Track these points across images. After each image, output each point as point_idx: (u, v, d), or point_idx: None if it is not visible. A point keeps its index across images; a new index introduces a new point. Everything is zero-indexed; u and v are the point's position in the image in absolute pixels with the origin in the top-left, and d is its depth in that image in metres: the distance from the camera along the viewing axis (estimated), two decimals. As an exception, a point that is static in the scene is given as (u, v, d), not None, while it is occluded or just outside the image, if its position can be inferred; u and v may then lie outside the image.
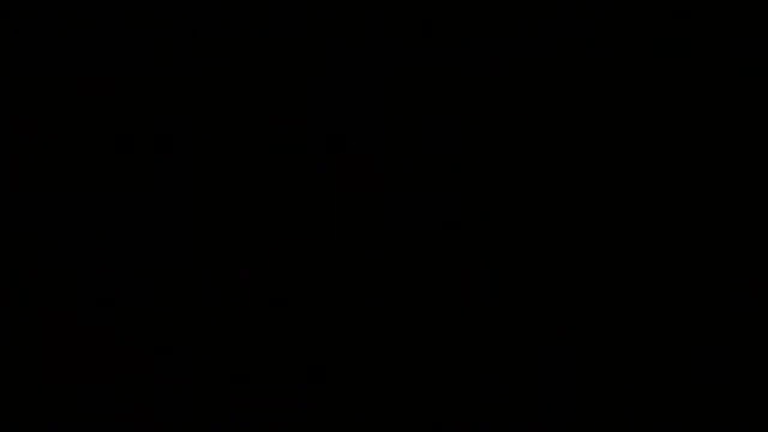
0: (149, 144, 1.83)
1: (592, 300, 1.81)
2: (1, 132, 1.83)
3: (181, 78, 1.85)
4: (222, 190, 1.83)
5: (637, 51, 1.84)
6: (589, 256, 1.82)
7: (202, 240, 1.82)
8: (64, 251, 1.80)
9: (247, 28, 1.85)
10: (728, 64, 1.84)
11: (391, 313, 1.80)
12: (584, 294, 1.81)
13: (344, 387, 1.78)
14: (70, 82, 1.84)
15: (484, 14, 1.85)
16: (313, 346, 1.79)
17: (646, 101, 1.84)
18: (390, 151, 1.84)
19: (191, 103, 1.84)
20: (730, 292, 1.80)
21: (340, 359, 1.79)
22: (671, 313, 1.80)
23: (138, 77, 1.84)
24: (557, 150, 1.84)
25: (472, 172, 1.83)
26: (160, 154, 1.83)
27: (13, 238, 1.80)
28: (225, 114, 1.85)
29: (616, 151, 1.84)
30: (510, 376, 1.78)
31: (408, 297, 1.80)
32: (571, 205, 1.83)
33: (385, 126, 1.84)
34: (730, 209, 1.81)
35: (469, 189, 1.83)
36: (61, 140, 1.83)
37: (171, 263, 1.81)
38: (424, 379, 1.78)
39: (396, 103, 1.85)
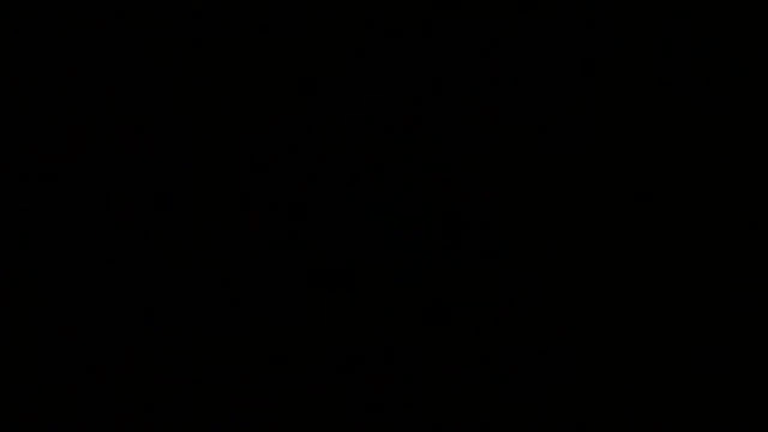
0: (149, 145, 1.83)
1: (593, 300, 1.81)
2: (1, 132, 1.83)
3: (181, 78, 1.85)
4: (221, 189, 1.83)
5: (636, 51, 1.84)
6: (590, 257, 1.82)
7: (200, 238, 1.82)
8: (63, 250, 1.81)
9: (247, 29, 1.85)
10: (728, 64, 1.84)
11: (390, 312, 1.80)
12: (584, 294, 1.81)
13: (343, 386, 1.78)
14: (69, 82, 1.84)
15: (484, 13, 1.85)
16: (312, 346, 1.80)
17: (646, 101, 1.84)
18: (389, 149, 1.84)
19: (190, 103, 1.85)
20: (730, 292, 1.80)
21: (339, 359, 1.79)
22: (671, 313, 1.80)
23: (138, 77, 1.85)
24: (557, 150, 1.84)
25: (472, 172, 1.83)
26: (160, 155, 1.83)
27: (13, 237, 1.80)
28: (224, 114, 1.85)
29: (616, 151, 1.84)
30: (509, 375, 1.78)
31: (407, 296, 1.80)
32: (571, 205, 1.83)
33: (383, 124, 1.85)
34: (730, 209, 1.81)
35: (470, 189, 1.83)
36: (60, 140, 1.83)
37: (170, 262, 1.81)
38: (423, 379, 1.78)
39: (396, 103, 1.85)
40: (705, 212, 1.81)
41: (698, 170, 1.82)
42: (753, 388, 1.76)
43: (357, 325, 1.80)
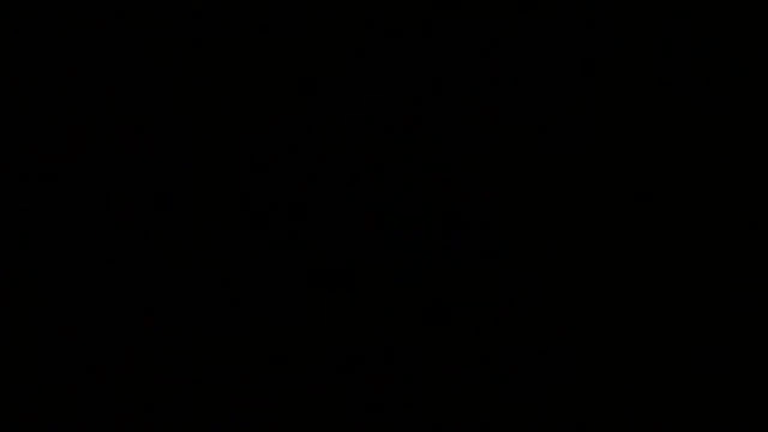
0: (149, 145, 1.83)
1: (593, 300, 1.81)
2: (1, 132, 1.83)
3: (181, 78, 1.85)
4: (220, 189, 1.83)
5: (637, 51, 1.84)
6: (590, 257, 1.82)
7: (200, 238, 1.82)
8: (63, 250, 1.81)
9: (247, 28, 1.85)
10: (728, 64, 1.84)
11: (390, 312, 1.80)
12: (584, 294, 1.81)
13: (343, 386, 1.78)
14: (69, 82, 1.84)
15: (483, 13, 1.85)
16: (311, 346, 1.80)
17: (646, 101, 1.84)
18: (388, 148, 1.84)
19: (190, 103, 1.85)
20: (730, 292, 1.80)
21: (339, 358, 1.79)
22: (671, 314, 1.80)
23: (138, 77, 1.85)
24: (557, 150, 1.84)
25: (472, 172, 1.83)
26: (161, 155, 1.83)
27: (13, 237, 1.80)
28: (225, 113, 1.85)
29: (616, 151, 1.84)
30: (509, 375, 1.78)
31: (407, 296, 1.80)
32: (571, 205, 1.83)
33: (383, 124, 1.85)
34: (730, 209, 1.81)
35: (470, 189, 1.83)
36: (60, 140, 1.83)
37: (171, 262, 1.81)
38: (423, 379, 1.78)
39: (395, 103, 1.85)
40: (705, 212, 1.81)
41: (698, 170, 1.82)
42: (753, 388, 1.76)
43: (357, 325, 1.80)
